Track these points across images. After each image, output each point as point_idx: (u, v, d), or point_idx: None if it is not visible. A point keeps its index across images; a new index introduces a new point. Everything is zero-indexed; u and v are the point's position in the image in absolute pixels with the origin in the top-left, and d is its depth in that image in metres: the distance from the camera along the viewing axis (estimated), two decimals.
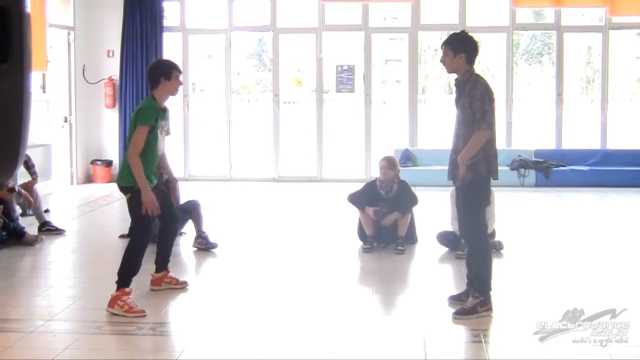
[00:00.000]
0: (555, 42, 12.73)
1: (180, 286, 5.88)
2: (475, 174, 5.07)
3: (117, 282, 5.30)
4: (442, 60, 5.24)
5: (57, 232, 7.96)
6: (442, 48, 5.24)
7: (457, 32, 5.35)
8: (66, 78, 11.83)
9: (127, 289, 5.28)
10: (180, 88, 5.79)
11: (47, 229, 7.94)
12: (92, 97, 12.17)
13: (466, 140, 5.09)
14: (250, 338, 4.77)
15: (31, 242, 7.42)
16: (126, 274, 5.32)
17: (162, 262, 5.85)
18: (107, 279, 6.35)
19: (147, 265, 6.54)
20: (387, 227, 7.26)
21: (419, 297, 5.72)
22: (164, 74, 5.46)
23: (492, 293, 5.18)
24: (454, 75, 5.32)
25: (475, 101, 5.03)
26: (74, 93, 11.90)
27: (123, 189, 5.41)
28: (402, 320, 5.20)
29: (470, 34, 5.34)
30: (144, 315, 5.14)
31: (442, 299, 5.45)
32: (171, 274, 5.91)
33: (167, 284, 5.85)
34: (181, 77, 5.62)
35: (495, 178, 5.19)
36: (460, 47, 5.13)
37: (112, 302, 5.22)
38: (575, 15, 13.36)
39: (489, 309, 5.13)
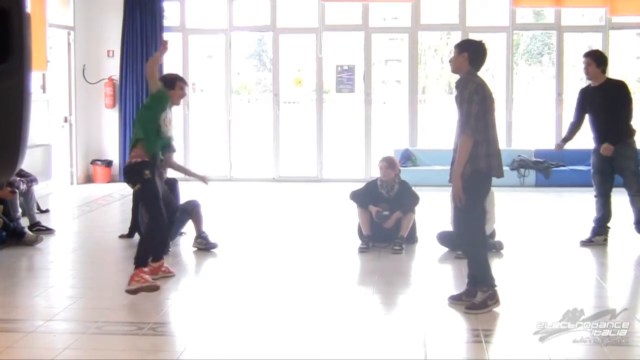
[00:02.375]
0: (555, 42, 12.73)
1: (170, 274, 6.18)
2: (474, 169, 5.08)
3: (135, 263, 5.71)
4: (450, 60, 5.32)
5: (47, 231, 7.98)
6: (453, 49, 5.35)
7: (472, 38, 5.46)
8: (66, 78, 11.83)
9: (145, 269, 5.70)
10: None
11: (38, 229, 7.95)
12: (92, 97, 12.17)
13: None
14: (250, 338, 4.77)
15: (31, 242, 7.42)
16: (142, 254, 5.76)
17: (158, 252, 6.14)
18: (107, 279, 6.37)
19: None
20: (387, 227, 7.26)
21: (419, 297, 5.72)
22: (168, 84, 6.13)
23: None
24: (455, 76, 5.35)
25: (463, 103, 5.08)
26: (74, 93, 11.90)
27: (134, 173, 5.76)
28: (402, 320, 5.20)
29: (470, 34, 5.40)
30: (158, 289, 5.58)
31: (442, 299, 5.45)
32: (166, 264, 6.20)
33: (163, 272, 6.13)
34: (186, 89, 6.36)
35: (499, 176, 5.21)
36: (465, 47, 5.22)
37: (130, 280, 5.60)
38: (575, 15, 13.36)
39: (497, 302, 5.19)
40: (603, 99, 7.10)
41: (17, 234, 7.45)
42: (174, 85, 6.22)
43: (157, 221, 5.82)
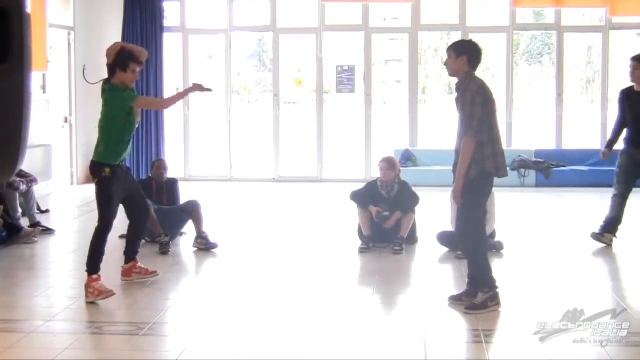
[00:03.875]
0: (555, 42, 12.73)
1: (151, 275, 5.96)
2: (480, 170, 5.09)
3: (86, 271, 5.49)
4: (445, 63, 5.30)
5: (47, 231, 7.98)
6: (447, 51, 5.30)
7: (464, 38, 5.46)
8: (66, 78, 11.82)
9: (94, 276, 5.45)
10: (181, 88, 5.92)
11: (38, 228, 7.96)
12: (92, 97, 12.09)
13: None
14: (250, 338, 4.77)
15: (28, 235, 7.43)
16: (91, 259, 5.50)
17: (130, 253, 5.91)
18: (107, 278, 6.34)
19: (148, 264, 6.55)
20: (387, 227, 7.26)
21: (419, 297, 5.72)
22: (120, 66, 5.52)
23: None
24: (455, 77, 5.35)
25: (465, 104, 5.09)
26: (74, 93, 11.89)
27: (94, 169, 5.47)
28: (402, 320, 5.20)
29: (470, 34, 5.42)
30: (113, 294, 5.36)
31: (442, 299, 5.45)
32: (139, 263, 5.96)
33: (137, 274, 5.93)
34: (138, 69, 5.56)
35: (504, 175, 5.22)
36: (463, 50, 5.21)
37: (86, 292, 5.43)
38: (575, 15, 13.36)
39: (498, 303, 5.20)
40: None
41: (15, 229, 7.47)
42: (125, 66, 5.47)
43: (104, 225, 5.48)
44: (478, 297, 5.20)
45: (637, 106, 7.17)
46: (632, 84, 7.32)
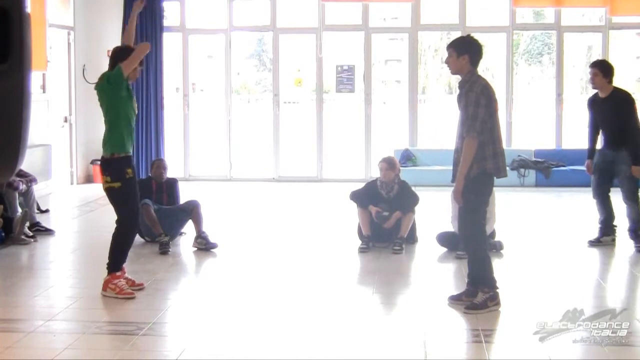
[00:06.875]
0: (555, 42, 12.73)
1: (137, 288, 5.74)
2: (481, 170, 5.09)
3: (107, 267, 5.59)
4: (447, 62, 5.28)
5: (47, 232, 7.97)
6: (447, 50, 5.28)
7: (464, 35, 5.42)
8: (66, 78, 11.82)
9: (117, 273, 5.55)
10: (181, 88, 5.94)
11: (37, 229, 7.94)
12: (92, 97, 12.03)
13: None
14: (250, 338, 4.77)
15: (20, 223, 7.44)
16: (116, 259, 5.59)
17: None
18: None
19: (148, 264, 6.56)
20: (387, 227, 7.26)
21: (419, 297, 5.72)
22: (122, 59, 5.68)
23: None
24: (456, 76, 5.35)
25: (469, 105, 5.07)
26: (74, 93, 11.89)
27: (116, 170, 5.51)
28: (402, 320, 5.20)
29: (472, 34, 5.41)
30: (134, 297, 5.46)
31: (442, 299, 5.45)
32: (126, 274, 5.76)
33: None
34: (140, 67, 5.77)
35: (504, 176, 5.22)
36: (464, 49, 5.18)
37: (105, 286, 5.55)
38: (575, 15, 13.36)
39: (498, 303, 5.20)
40: (612, 110, 7.05)
41: (9, 220, 7.52)
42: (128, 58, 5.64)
43: (129, 225, 5.60)
44: (478, 297, 5.20)
45: (604, 113, 7.13)
46: (596, 91, 7.27)
